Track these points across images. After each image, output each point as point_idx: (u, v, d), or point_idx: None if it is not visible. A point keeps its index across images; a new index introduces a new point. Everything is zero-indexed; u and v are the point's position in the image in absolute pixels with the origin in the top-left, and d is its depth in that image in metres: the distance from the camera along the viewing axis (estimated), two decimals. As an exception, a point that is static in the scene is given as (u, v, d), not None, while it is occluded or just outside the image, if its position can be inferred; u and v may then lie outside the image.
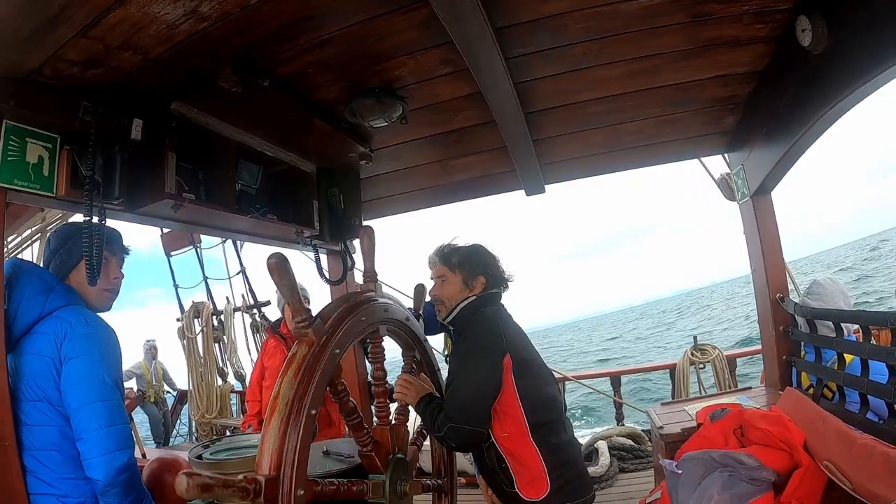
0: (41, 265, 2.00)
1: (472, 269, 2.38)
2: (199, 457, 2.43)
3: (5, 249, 3.62)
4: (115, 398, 1.78)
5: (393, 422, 2.13)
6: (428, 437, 2.34)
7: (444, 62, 2.35)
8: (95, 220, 1.92)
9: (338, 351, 1.68)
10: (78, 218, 1.95)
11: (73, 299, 1.88)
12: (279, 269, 1.54)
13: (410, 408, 2.29)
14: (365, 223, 3.36)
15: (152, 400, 8.53)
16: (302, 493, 1.45)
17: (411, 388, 2.27)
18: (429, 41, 2.19)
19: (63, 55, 1.73)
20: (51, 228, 3.60)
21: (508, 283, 2.47)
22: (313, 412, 1.54)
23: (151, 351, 8.96)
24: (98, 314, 1.91)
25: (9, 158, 1.76)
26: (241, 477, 1.36)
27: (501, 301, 2.44)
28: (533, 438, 2.14)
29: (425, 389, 2.28)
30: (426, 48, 2.24)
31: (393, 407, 2.20)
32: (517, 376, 2.15)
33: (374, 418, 2.12)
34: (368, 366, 3.63)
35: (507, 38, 2.22)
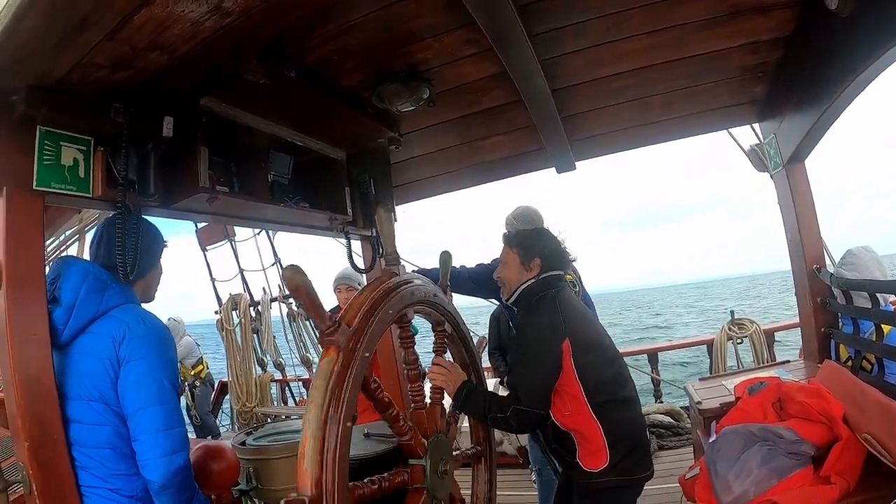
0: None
1: (528, 249, 2.39)
2: (243, 443, 2.51)
3: (45, 252, 3.73)
4: (174, 401, 1.81)
5: (428, 403, 2.16)
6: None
7: (469, 43, 2.33)
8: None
9: (367, 355, 1.67)
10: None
11: (129, 297, 1.91)
12: (295, 284, 1.52)
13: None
14: (398, 208, 3.37)
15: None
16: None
17: (449, 376, 2.30)
18: (452, 23, 2.18)
19: (91, 60, 1.74)
20: (88, 229, 3.68)
21: (572, 264, 2.51)
22: (349, 424, 1.55)
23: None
24: (152, 314, 1.93)
25: (45, 163, 1.79)
26: (283, 501, 1.39)
27: (564, 282, 2.44)
28: (595, 414, 2.17)
29: (462, 377, 2.31)
30: (450, 30, 2.23)
31: (427, 388, 2.23)
32: (577, 359, 2.18)
33: (411, 406, 2.14)
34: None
35: (531, 14, 2.19)
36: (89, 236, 3.70)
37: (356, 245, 3.36)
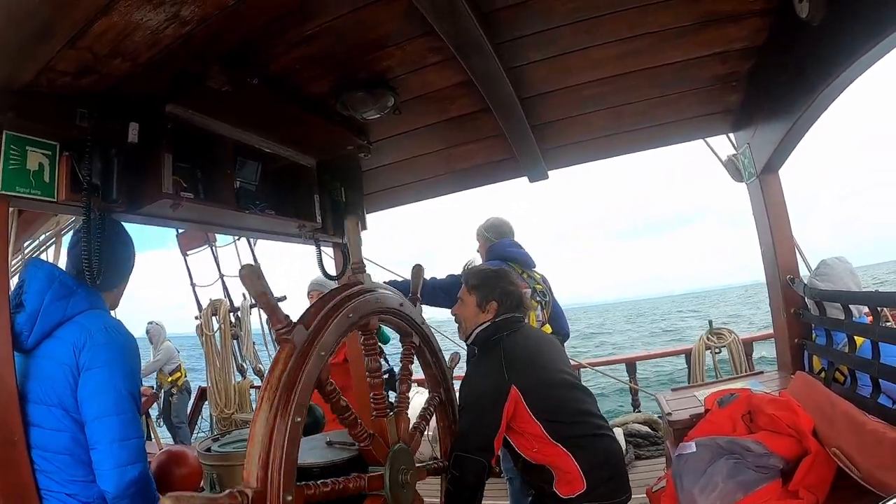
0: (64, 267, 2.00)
1: (486, 293, 2.46)
2: (208, 449, 2.51)
3: (22, 255, 3.76)
4: (132, 411, 1.80)
5: (391, 412, 2.16)
6: (430, 423, 2.40)
7: (432, 51, 2.33)
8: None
9: (323, 353, 1.68)
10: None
11: (95, 303, 1.91)
12: (250, 279, 1.56)
13: (410, 394, 2.35)
14: (369, 216, 3.38)
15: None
16: (291, 498, 1.48)
17: None
18: (414, 30, 2.19)
19: (55, 66, 1.77)
20: (64, 232, 3.72)
21: (542, 274, 2.60)
22: (298, 420, 1.55)
23: (148, 334, 8.10)
24: (118, 321, 1.94)
25: (10, 167, 1.81)
26: (226, 493, 1.39)
27: (520, 322, 2.49)
28: (564, 447, 2.19)
29: None
30: (412, 37, 2.24)
31: (392, 396, 2.23)
32: (529, 401, 2.21)
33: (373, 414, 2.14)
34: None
35: (494, 23, 2.20)
36: (65, 239, 3.74)
37: (328, 251, 3.38)
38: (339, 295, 1.92)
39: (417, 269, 2.53)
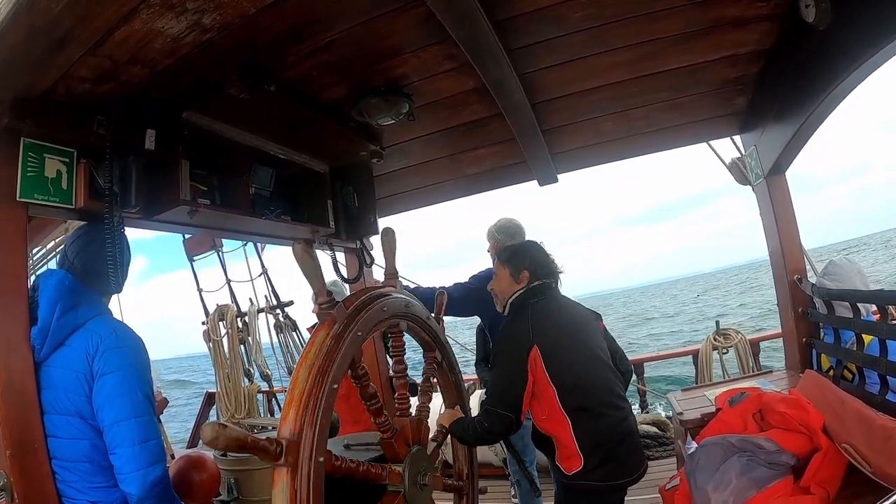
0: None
1: (517, 264, 2.55)
2: (225, 454, 2.52)
3: (31, 261, 3.74)
4: (148, 413, 1.81)
5: (413, 414, 2.18)
6: (450, 436, 2.44)
7: (447, 57, 2.35)
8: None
9: (360, 334, 1.76)
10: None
11: (101, 308, 1.92)
12: (304, 255, 1.64)
13: (431, 405, 2.36)
14: (380, 220, 3.41)
15: None
16: (322, 460, 1.52)
17: (454, 414, 2.49)
18: (430, 38, 2.20)
19: (74, 73, 1.78)
20: (72, 241, 3.69)
21: (559, 275, 2.64)
22: (335, 386, 1.61)
23: None
24: (125, 323, 1.94)
25: (28, 174, 1.81)
26: (265, 437, 1.44)
27: (552, 290, 2.57)
28: (570, 419, 2.25)
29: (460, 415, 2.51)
30: (427, 45, 2.26)
31: (414, 401, 2.26)
32: (548, 363, 2.27)
33: (397, 413, 2.17)
34: (389, 360, 3.73)
35: (508, 30, 2.22)
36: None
37: (340, 257, 3.40)
38: (377, 290, 2.02)
39: (441, 295, 2.65)
